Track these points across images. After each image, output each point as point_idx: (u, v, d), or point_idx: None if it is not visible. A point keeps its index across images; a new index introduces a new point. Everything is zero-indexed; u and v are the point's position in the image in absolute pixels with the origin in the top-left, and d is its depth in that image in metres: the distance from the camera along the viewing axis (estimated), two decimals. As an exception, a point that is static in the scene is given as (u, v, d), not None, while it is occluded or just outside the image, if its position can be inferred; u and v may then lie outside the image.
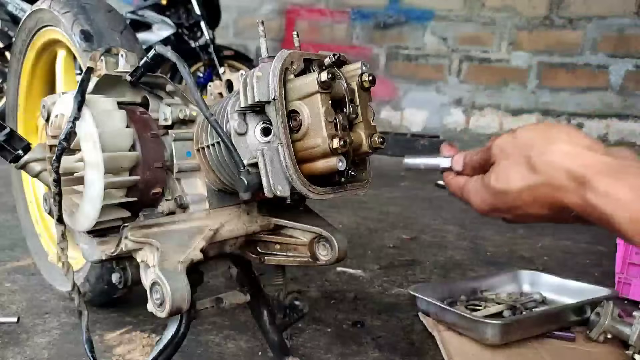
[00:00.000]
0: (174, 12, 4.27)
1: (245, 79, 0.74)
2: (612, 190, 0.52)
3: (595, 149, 0.57)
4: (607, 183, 0.53)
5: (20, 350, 1.16)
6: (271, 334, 1.06)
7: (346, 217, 2.52)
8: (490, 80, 4.78)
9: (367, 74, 0.77)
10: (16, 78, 1.47)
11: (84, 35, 1.16)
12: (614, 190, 0.52)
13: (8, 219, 2.15)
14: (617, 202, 0.52)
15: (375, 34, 5.17)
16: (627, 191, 0.52)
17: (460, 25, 4.84)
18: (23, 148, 0.94)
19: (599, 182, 0.53)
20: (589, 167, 0.55)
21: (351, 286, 1.65)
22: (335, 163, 0.72)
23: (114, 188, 0.84)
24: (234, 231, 0.91)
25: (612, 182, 0.53)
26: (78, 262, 1.33)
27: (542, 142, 0.59)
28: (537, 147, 0.59)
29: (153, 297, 0.78)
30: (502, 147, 0.63)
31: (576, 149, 0.57)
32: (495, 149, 0.64)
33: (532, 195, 0.60)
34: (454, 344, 1.25)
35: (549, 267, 1.92)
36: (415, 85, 5.07)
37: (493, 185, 0.63)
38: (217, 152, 0.85)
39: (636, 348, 1.22)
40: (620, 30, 4.34)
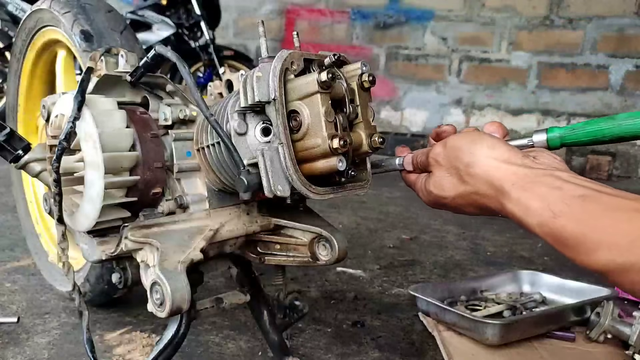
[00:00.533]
0: (174, 12, 4.27)
1: (245, 79, 0.74)
2: (523, 200, 0.61)
3: (513, 161, 0.64)
4: (519, 193, 0.61)
5: (20, 350, 1.16)
6: (271, 334, 1.06)
7: (346, 217, 2.52)
8: (490, 80, 4.78)
9: (367, 74, 0.77)
10: (16, 78, 1.47)
11: (84, 35, 1.16)
12: (525, 200, 0.60)
13: (8, 219, 2.15)
14: (527, 210, 0.60)
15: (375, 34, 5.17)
16: (536, 200, 0.59)
17: (460, 25, 4.84)
18: (23, 148, 0.94)
19: (513, 193, 0.62)
20: (505, 179, 0.63)
21: (351, 286, 1.65)
22: (335, 163, 0.72)
23: (114, 188, 0.84)
24: (234, 231, 0.91)
25: (524, 192, 0.61)
26: (78, 262, 1.33)
27: (467, 155, 0.68)
28: (463, 159, 0.68)
29: (153, 297, 0.78)
30: (435, 157, 0.73)
31: (495, 163, 0.65)
32: (430, 160, 0.74)
33: (464, 200, 0.70)
34: (454, 344, 1.25)
35: (549, 267, 1.93)
36: (415, 85, 5.06)
37: (431, 190, 0.74)
38: (217, 152, 0.85)
39: (636, 348, 1.22)
40: (620, 30, 4.34)
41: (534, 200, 0.60)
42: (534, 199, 0.60)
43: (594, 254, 0.54)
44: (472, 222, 2.58)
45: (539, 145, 0.70)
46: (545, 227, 0.58)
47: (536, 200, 0.59)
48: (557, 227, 0.57)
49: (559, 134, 0.68)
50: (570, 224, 0.56)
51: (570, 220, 0.56)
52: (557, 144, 0.69)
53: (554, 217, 0.57)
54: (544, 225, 0.58)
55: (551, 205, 0.58)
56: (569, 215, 0.56)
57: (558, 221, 0.57)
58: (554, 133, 0.69)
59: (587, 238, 0.55)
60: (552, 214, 0.58)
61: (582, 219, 0.56)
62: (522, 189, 0.61)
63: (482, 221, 2.61)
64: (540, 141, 0.70)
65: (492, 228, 2.49)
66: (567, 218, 0.56)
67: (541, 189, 0.60)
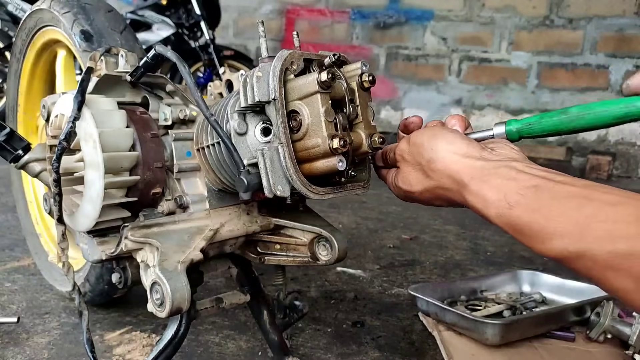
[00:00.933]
0: (174, 12, 4.27)
1: (245, 79, 0.74)
2: (481, 192, 0.63)
3: (471, 154, 0.66)
4: (478, 186, 0.63)
5: (20, 350, 1.16)
6: (271, 334, 1.06)
7: (346, 217, 2.52)
8: (490, 80, 4.78)
9: (367, 74, 0.77)
10: (16, 78, 1.47)
11: (84, 35, 1.16)
12: (482, 192, 0.62)
13: (8, 219, 2.15)
14: (485, 202, 0.62)
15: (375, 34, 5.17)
16: (493, 192, 0.61)
17: (460, 25, 4.84)
18: (23, 148, 0.94)
19: (472, 185, 0.64)
20: (464, 172, 0.65)
21: (351, 286, 1.65)
22: (335, 163, 0.72)
23: (114, 188, 0.84)
24: (234, 231, 0.91)
25: (481, 184, 0.63)
26: (78, 262, 1.33)
27: (428, 150, 0.70)
28: (425, 155, 0.70)
29: (153, 297, 0.78)
30: (401, 154, 0.75)
31: (454, 157, 0.67)
32: (397, 156, 0.76)
33: (431, 194, 0.72)
34: (454, 344, 1.25)
35: (549, 267, 1.93)
36: (415, 85, 5.06)
37: (400, 185, 0.76)
38: (217, 152, 0.85)
39: (636, 348, 1.22)
40: (620, 30, 4.34)
41: (491, 192, 0.61)
42: (491, 190, 0.62)
43: (549, 243, 0.55)
44: (472, 222, 2.58)
45: (499, 137, 0.72)
46: (503, 218, 0.60)
47: (493, 191, 0.61)
48: (513, 218, 0.59)
49: (516, 128, 0.71)
50: (525, 214, 0.58)
51: (525, 210, 0.58)
52: (515, 137, 0.71)
53: (510, 207, 0.59)
54: (501, 216, 0.60)
55: (507, 196, 0.60)
56: (524, 206, 0.58)
57: (514, 212, 0.59)
58: (512, 126, 0.71)
59: (542, 227, 0.56)
60: (507, 204, 0.59)
61: (535, 208, 0.57)
62: (480, 181, 0.63)
63: (482, 221, 2.61)
64: (500, 133, 0.72)
65: (492, 228, 2.49)
66: (522, 208, 0.58)
67: (497, 181, 0.62)
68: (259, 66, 0.74)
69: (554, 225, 0.55)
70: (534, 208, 0.57)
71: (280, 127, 0.71)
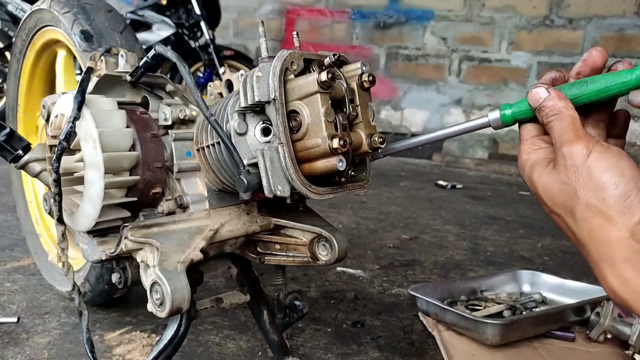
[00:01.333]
0: (174, 12, 4.27)
1: (245, 79, 0.74)
2: (634, 281, 0.53)
3: (638, 237, 0.54)
4: (631, 273, 0.53)
5: (20, 350, 1.16)
6: (271, 334, 1.06)
7: (346, 217, 2.52)
8: (490, 80, 4.79)
9: (367, 74, 0.77)
10: (16, 78, 1.47)
11: (84, 35, 1.16)
12: (636, 283, 0.52)
13: (8, 219, 2.15)
14: (637, 295, 0.53)
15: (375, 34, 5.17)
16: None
17: (460, 25, 4.84)
18: (23, 148, 0.94)
19: (622, 268, 0.53)
20: (618, 248, 0.54)
21: (351, 286, 1.65)
22: (335, 163, 0.72)
23: (114, 188, 0.84)
24: (234, 231, 0.91)
25: (635, 273, 0.53)
26: (78, 262, 1.33)
27: (597, 194, 0.56)
28: (590, 196, 0.56)
29: (153, 297, 0.78)
30: (566, 159, 0.58)
31: (618, 225, 0.54)
32: (559, 156, 0.59)
33: (559, 222, 0.61)
34: (454, 344, 1.25)
35: (549, 267, 1.93)
36: (415, 85, 5.07)
37: (537, 182, 0.62)
38: (217, 152, 0.85)
39: (636, 348, 1.22)
40: (620, 30, 4.34)
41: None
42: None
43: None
44: (472, 222, 2.58)
45: (495, 122, 0.70)
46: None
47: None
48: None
49: (511, 112, 0.69)
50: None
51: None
52: (509, 120, 0.69)
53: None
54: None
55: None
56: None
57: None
58: (505, 111, 0.69)
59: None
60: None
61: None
62: (633, 268, 0.53)
63: (482, 221, 2.61)
64: (495, 119, 0.70)
65: (492, 228, 2.49)
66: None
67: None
68: (259, 66, 0.74)
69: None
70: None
71: (280, 127, 0.71)
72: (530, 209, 2.94)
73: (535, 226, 2.57)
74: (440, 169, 4.43)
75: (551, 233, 2.42)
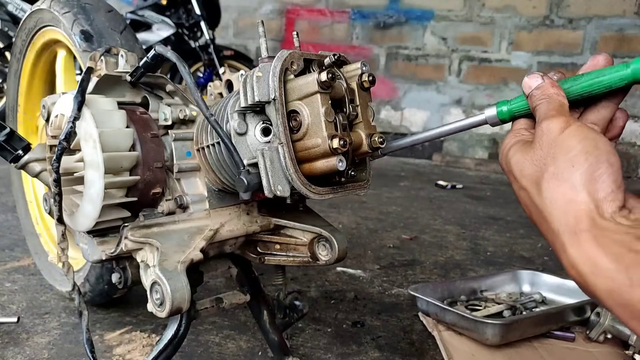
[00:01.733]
0: (174, 12, 4.27)
1: (245, 79, 0.74)
2: (592, 252, 0.51)
3: (603, 208, 0.52)
4: (590, 243, 0.51)
5: (20, 350, 1.16)
6: (271, 334, 1.06)
7: (346, 217, 2.52)
8: (490, 80, 4.79)
9: (367, 74, 0.77)
10: (16, 78, 1.47)
11: (84, 35, 1.16)
12: (594, 253, 0.51)
13: (8, 219, 2.15)
14: (594, 267, 0.51)
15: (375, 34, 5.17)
16: (610, 258, 0.50)
17: (460, 25, 4.84)
18: (23, 148, 0.94)
19: (583, 239, 0.52)
20: (582, 219, 0.52)
21: (351, 286, 1.65)
22: (335, 163, 0.72)
23: (114, 188, 0.84)
24: (234, 231, 0.91)
25: (596, 244, 0.51)
26: (78, 262, 1.33)
27: (566, 162, 0.55)
28: (558, 163, 0.55)
29: (153, 297, 0.78)
30: (544, 133, 0.58)
31: (584, 196, 0.53)
32: (538, 131, 0.59)
33: (526, 201, 0.60)
34: (454, 344, 1.25)
35: (549, 267, 1.93)
36: (415, 85, 5.07)
37: (511, 157, 0.61)
38: (217, 152, 0.85)
39: (636, 348, 1.22)
40: (620, 30, 4.34)
41: (608, 257, 0.49)
42: (607, 256, 0.49)
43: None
44: (472, 222, 2.58)
45: (492, 119, 0.70)
46: (615, 296, 0.49)
47: (610, 258, 0.49)
48: (633, 299, 0.47)
49: (507, 108, 0.69)
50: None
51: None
52: (506, 117, 0.69)
53: (631, 285, 0.48)
54: (613, 292, 0.49)
55: (630, 270, 0.48)
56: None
57: (636, 292, 0.47)
58: (502, 107, 0.69)
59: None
60: (629, 280, 0.48)
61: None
62: (595, 240, 0.51)
63: (482, 221, 2.61)
64: (491, 116, 0.70)
65: (492, 228, 2.49)
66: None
67: (620, 249, 0.49)
68: (259, 66, 0.74)
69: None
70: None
71: (280, 127, 0.71)
72: (530, 209, 2.93)
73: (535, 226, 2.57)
74: (440, 169, 4.43)
75: (551, 233, 2.42)
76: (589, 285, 0.51)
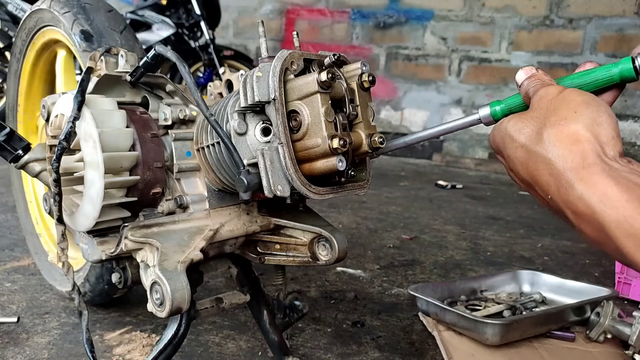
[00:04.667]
0: (174, 12, 4.27)
1: (245, 79, 0.74)
2: (602, 184, 0.51)
3: (608, 148, 0.53)
4: (601, 176, 0.51)
5: (20, 350, 1.16)
6: (271, 334, 1.06)
7: (346, 217, 2.52)
8: (490, 80, 4.78)
9: (367, 74, 0.77)
10: (16, 78, 1.47)
11: (84, 35, 1.16)
12: (604, 185, 0.51)
13: (8, 219, 2.15)
14: (605, 197, 0.50)
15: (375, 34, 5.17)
16: (621, 189, 0.50)
17: (460, 25, 4.84)
18: (23, 148, 0.94)
19: (593, 173, 0.52)
20: (590, 155, 0.52)
21: (351, 286, 1.65)
22: (335, 163, 0.72)
23: (114, 188, 0.84)
24: (234, 231, 0.91)
25: (606, 177, 0.51)
26: (78, 262, 1.33)
27: (569, 110, 0.55)
28: (562, 112, 0.56)
29: (153, 297, 0.78)
30: (542, 97, 0.59)
31: (589, 135, 0.53)
32: (535, 97, 0.61)
33: (526, 157, 0.59)
34: (454, 344, 1.25)
35: (549, 267, 1.93)
36: (415, 85, 5.07)
37: (509, 127, 0.61)
38: (217, 152, 0.85)
39: (636, 348, 1.22)
40: (620, 30, 4.34)
41: (619, 188, 0.49)
42: (618, 186, 0.49)
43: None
44: (472, 222, 2.58)
45: (486, 119, 0.70)
46: (627, 226, 0.48)
47: (621, 188, 0.49)
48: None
49: (500, 107, 0.69)
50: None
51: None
52: (499, 116, 0.70)
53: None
54: (623, 222, 0.48)
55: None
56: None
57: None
58: (495, 107, 0.70)
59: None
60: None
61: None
62: (605, 173, 0.51)
63: (482, 221, 2.61)
64: (485, 115, 0.70)
65: (492, 228, 2.49)
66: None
67: (629, 183, 0.50)
68: (259, 66, 0.74)
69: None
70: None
71: (280, 127, 0.71)
72: (531, 209, 2.94)
73: (535, 226, 2.57)
74: (440, 169, 4.43)
75: (551, 233, 2.42)
76: (597, 217, 0.50)
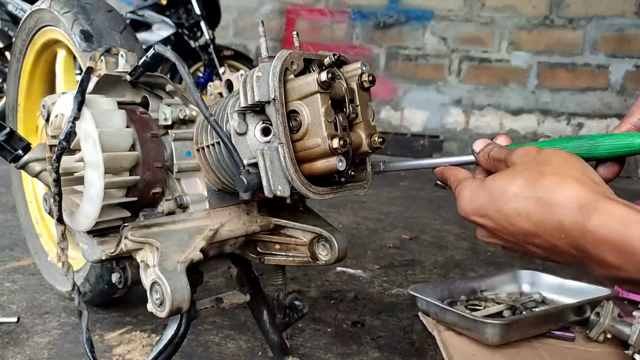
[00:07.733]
0: (174, 12, 4.27)
1: (245, 79, 0.74)
2: (630, 240, 0.50)
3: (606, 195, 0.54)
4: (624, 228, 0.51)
5: (20, 350, 1.16)
6: (271, 334, 1.06)
7: (346, 217, 2.52)
8: (490, 80, 4.78)
9: (367, 74, 0.77)
10: (16, 78, 1.47)
11: (84, 35, 1.16)
12: (632, 241, 0.50)
13: (8, 219, 2.15)
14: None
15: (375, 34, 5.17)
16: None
17: (460, 25, 4.84)
18: (23, 148, 0.94)
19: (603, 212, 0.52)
20: (591, 198, 0.54)
21: (351, 286, 1.65)
22: (335, 163, 0.72)
23: (114, 188, 0.84)
24: (234, 231, 0.91)
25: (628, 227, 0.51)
26: (78, 262, 1.33)
27: (553, 180, 0.57)
28: (556, 171, 0.58)
29: (153, 297, 0.78)
30: (522, 155, 0.62)
31: (582, 178, 0.56)
32: (513, 157, 0.63)
33: (524, 209, 0.58)
34: (454, 344, 1.25)
35: (549, 267, 1.92)
36: (415, 85, 5.07)
37: (491, 183, 0.62)
38: (217, 152, 0.85)
39: (636, 348, 1.22)
40: (620, 30, 4.34)
41: (635, 211, 0.50)
42: (634, 210, 0.50)
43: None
44: (472, 222, 2.58)
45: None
46: None
47: (637, 212, 0.50)
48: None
49: None
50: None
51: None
52: None
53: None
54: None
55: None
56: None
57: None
58: None
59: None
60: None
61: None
62: (618, 203, 0.52)
63: (482, 221, 2.61)
64: None
65: (492, 228, 2.48)
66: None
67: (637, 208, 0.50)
68: (259, 66, 0.74)
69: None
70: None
71: (280, 127, 0.71)
72: (530, 209, 2.93)
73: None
74: (440, 169, 4.42)
75: (551, 233, 2.42)
76: (622, 237, 0.50)
